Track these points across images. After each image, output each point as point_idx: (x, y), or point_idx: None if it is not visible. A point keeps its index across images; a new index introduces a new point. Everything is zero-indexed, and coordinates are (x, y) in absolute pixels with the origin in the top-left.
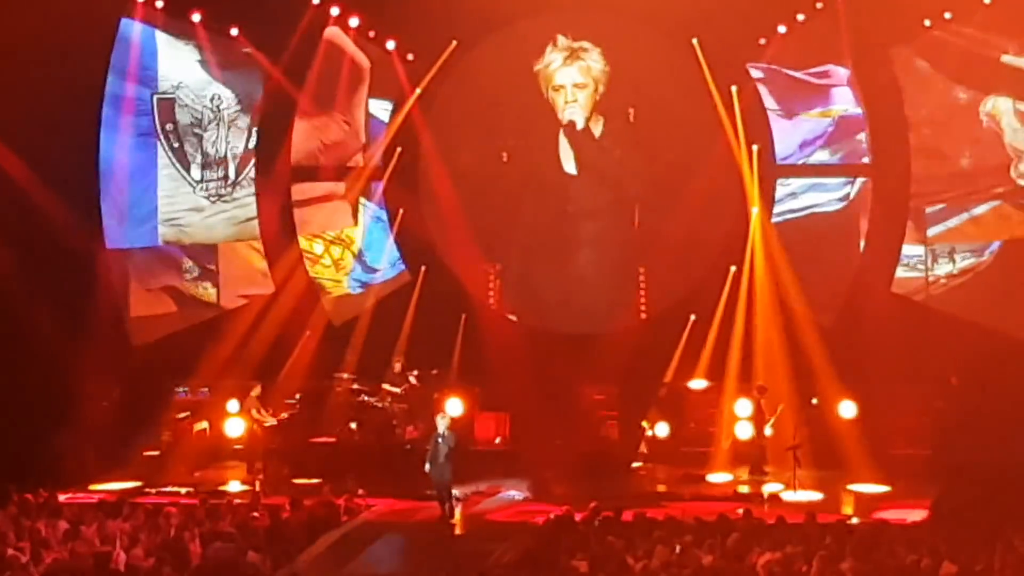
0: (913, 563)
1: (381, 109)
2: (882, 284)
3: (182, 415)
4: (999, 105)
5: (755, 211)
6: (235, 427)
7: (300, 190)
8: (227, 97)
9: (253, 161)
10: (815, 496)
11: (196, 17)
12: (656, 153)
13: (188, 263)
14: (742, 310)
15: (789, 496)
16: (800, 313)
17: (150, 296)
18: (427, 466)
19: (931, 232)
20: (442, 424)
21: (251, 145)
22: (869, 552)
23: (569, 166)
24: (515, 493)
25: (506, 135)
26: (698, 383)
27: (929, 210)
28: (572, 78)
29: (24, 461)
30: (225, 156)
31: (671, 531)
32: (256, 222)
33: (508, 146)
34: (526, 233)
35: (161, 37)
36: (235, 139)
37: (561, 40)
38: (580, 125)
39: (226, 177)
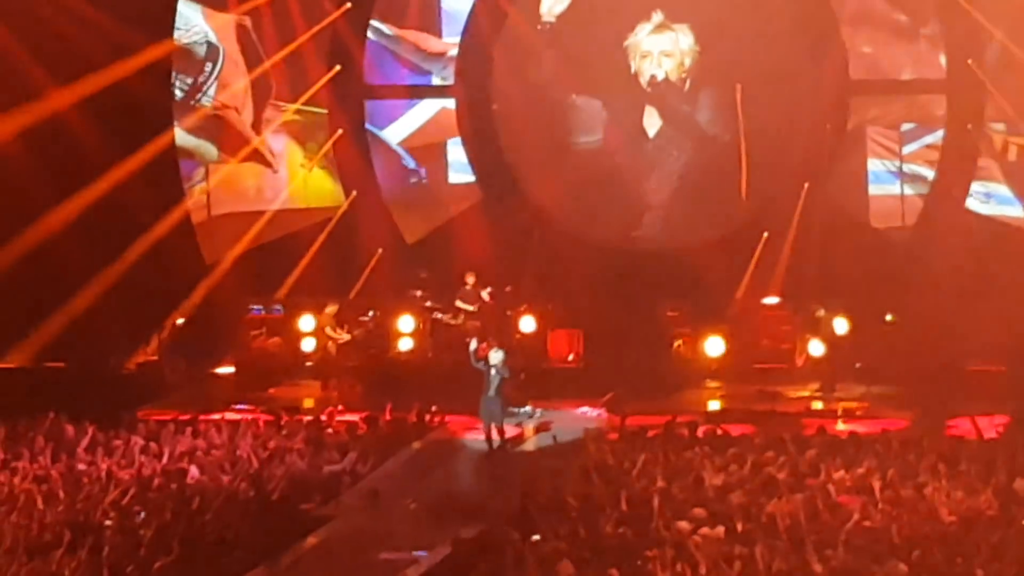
0: (988, 478)
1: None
2: (956, 200)
3: (256, 333)
4: None
5: (828, 128)
6: (309, 345)
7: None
8: None
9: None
10: (889, 413)
11: None
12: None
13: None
14: (816, 227)
15: (862, 413)
16: (874, 230)
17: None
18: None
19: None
20: (495, 357)
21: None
22: (945, 468)
23: (651, 127)
24: (588, 409)
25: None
26: (771, 300)
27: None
28: (660, 46)
29: (102, 378)
30: None
31: (745, 447)
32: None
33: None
34: (600, 155)
35: None
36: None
37: (655, 16)
38: (661, 77)
39: None
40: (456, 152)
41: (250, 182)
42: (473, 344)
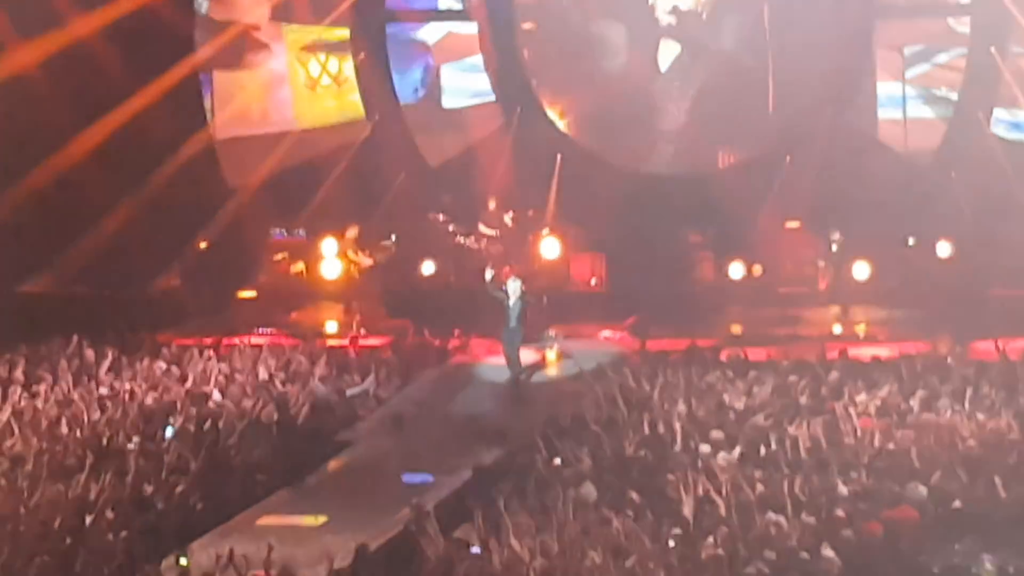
0: (1009, 401)
1: None
2: (979, 122)
3: (279, 257)
4: None
5: (853, 50)
6: (332, 268)
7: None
8: None
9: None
10: (911, 337)
11: None
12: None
13: None
14: (839, 150)
15: (884, 336)
16: (897, 153)
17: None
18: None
19: None
20: (513, 288)
21: None
22: (967, 391)
23: (670, 54)
24: (609, 334)
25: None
26: (794, 223)
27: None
28: None
29: (125, 302)
30: None
31: (767, 371)
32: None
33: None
34: (624, 80)
35: None
36: None
37: None
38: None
39: None
40: (450, 77)
41: (257, 105)
42: (489, 274)
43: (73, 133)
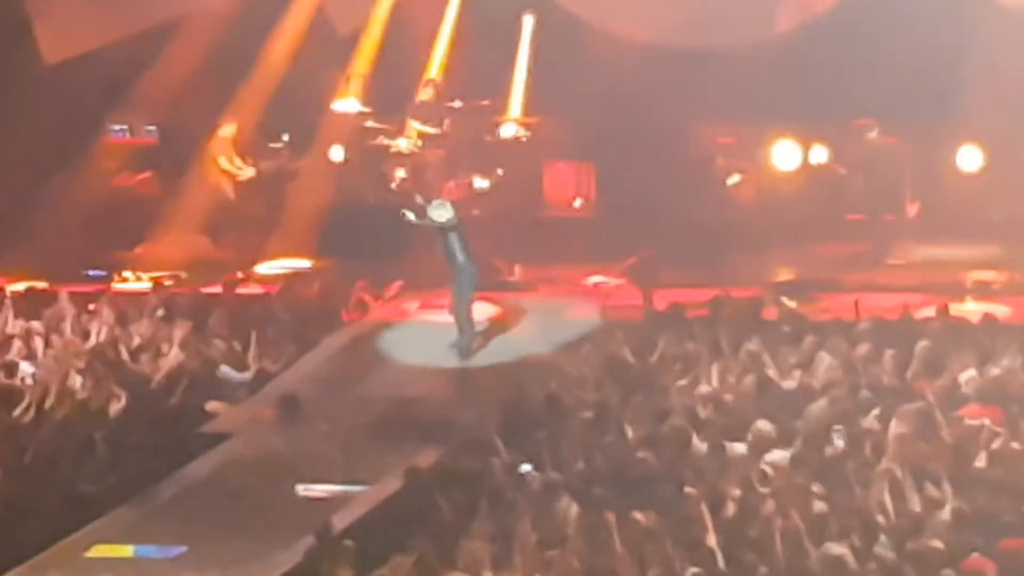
0: None
1: None
2: None
3: (117, 165)
4: None
5: None
6: (196, 182)
7: None
8: None
9: None
10: None
11: None
12: None
13: None
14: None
15: (1000, 287)
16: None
17: None
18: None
19: None
20: (439, 213)
21: None
22: None
23: None
24: (601, 280)
25: None
26: (867, 120)
27: None
28: None
29: None
30: None
31: (829, 336)
32: None
33: None
34: None
35: None
36: None
37: None
38: None
39: None
40: None
41: None
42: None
43: None
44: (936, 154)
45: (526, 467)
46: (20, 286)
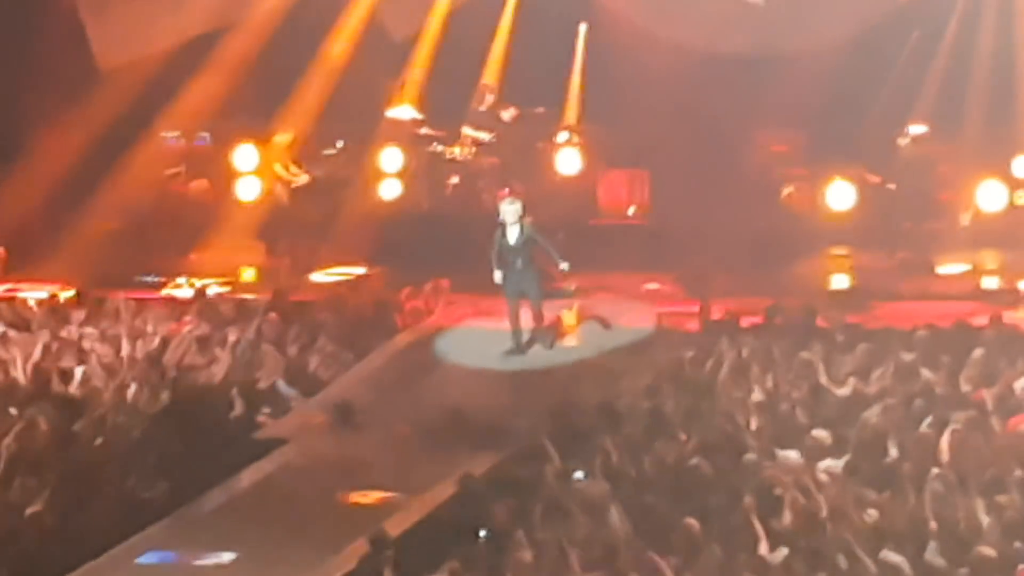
0: None
1: None
2: None
3: (172, 171)
4: None
5: None
6: (250, 188)
7: None
8: None
9: None
10: None
11: None
12: None
13: None
14: (989, 21)
15: None
16: None
17: None
18: (497, 274)
19: None
20: (509, 211)
21: None
22: None
23: None
24: (655, 288)
25: None
26: (920, 128)
27: None
28: None
29: None
30: None
31: (886, 344)
32: None
33: None
34: None
35: None
36: None
37: None
38: None
39: None
40: None
41: None
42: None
43: None
44: (989, 161)
45: (579, 474)
46: (73, 292)
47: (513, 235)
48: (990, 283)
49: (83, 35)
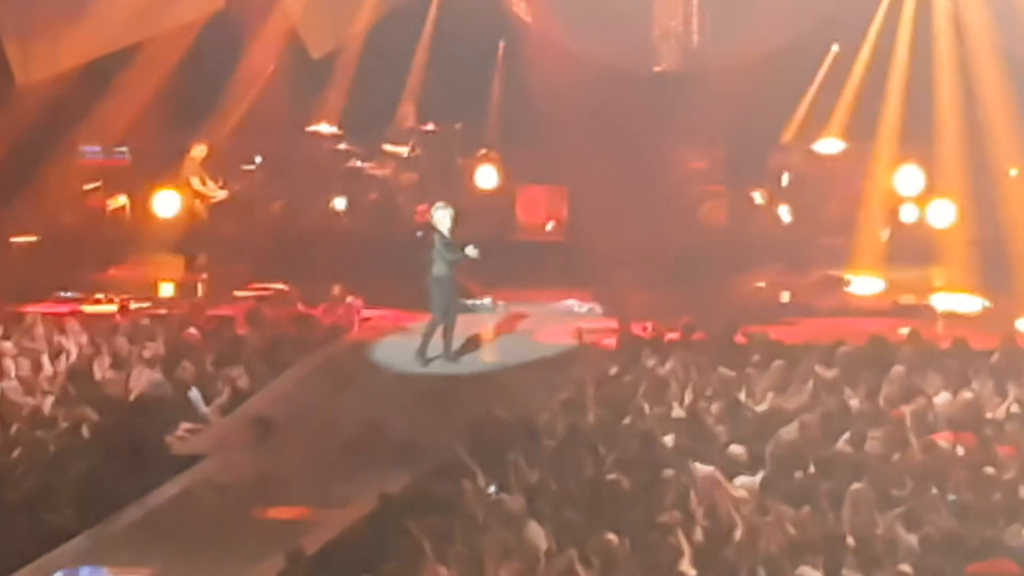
0: None
1: None
2: None
3: (90, 186)
4: None
5: None
6: (168, 204)
7: None
8: None
9: None
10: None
11: None
12: None
13: None
14: (905, 40)
15: (973, 308)
16: (986, 42)
17: None
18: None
19: None
20: (441, 217)
21: None
22: None
23: None
24: (574, 304)
25: None
26: (835, 144)
27: None
28: None
29: None
30: None
31: (804, 359)
32: None
33: None
34: None
35: None
36: None
37: None
38: None
39: None
40: None
41: None
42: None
43: None
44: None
45: (493, 489)
46: None
47: (438, 243)
48: (907, 299)
49: (0, 50)
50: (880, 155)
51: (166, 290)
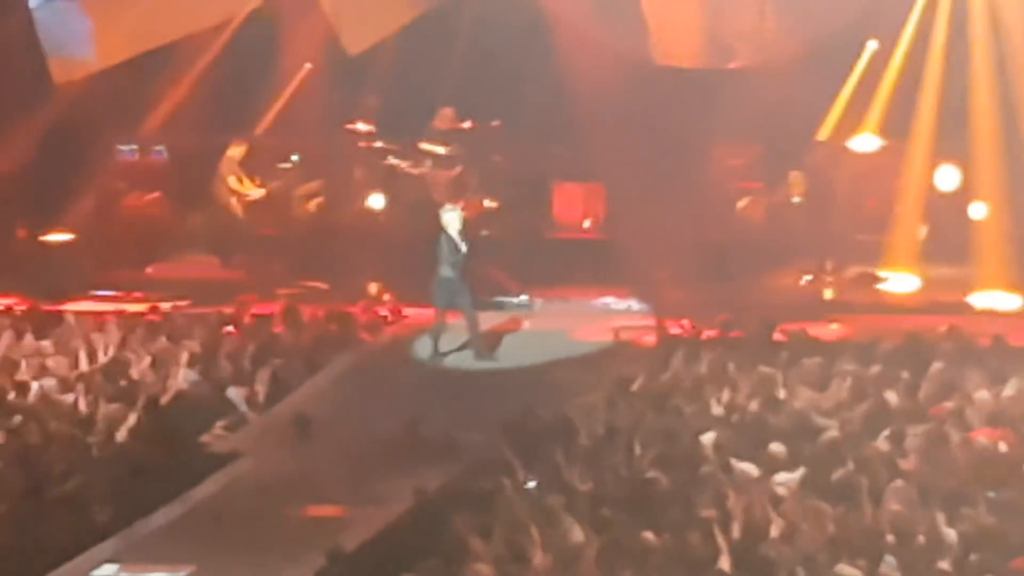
0: None
1: None
2: None
3: (126, 185)
4: None
5: None
6: (205, 202)
7: None
8: None
9: None
10: None
11: None
12: None
13: None
14: (941, 36)
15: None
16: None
17: None
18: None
19: None
20: (449, 219)
21: None
22: None
23: None
24: (611, 301)
25: None
26: (872, 141)
27: None
28: None
29: None
30: None
31: (842, 357)
32: None
33: None
34: None
35: None
36: None
37: None
38: None
39: None
40: None
41: None
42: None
43: None
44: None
45: (531, 484)
46: (28, 306)
47: (460, 243)
48: (945, 296)
49: (38, 49)
50: (916, 152)
51: (203, 289)
